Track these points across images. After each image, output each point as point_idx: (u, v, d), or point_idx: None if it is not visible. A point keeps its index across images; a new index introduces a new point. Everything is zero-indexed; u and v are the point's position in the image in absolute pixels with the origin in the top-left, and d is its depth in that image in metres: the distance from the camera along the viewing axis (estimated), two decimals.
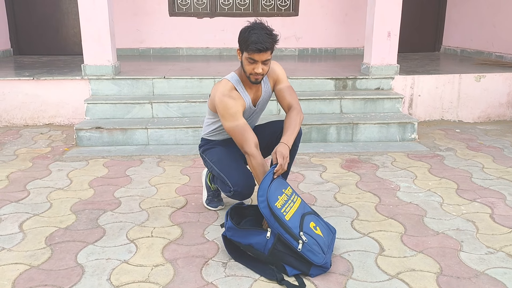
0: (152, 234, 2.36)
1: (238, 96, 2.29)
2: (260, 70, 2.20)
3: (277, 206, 2.00)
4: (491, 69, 5.06)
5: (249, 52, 2.17)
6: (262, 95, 2.44)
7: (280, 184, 2.13)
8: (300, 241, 1.94)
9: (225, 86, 2.29)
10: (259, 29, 2.16)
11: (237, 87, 2.32)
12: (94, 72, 4.39)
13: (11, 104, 4.44)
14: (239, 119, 2.23)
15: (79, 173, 3.25)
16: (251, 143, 2.21)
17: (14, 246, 2.22)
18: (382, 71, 4.64)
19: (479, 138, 4.18)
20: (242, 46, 2.20)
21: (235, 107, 2.23)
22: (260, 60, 2.18)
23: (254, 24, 2.20)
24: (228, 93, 2.25)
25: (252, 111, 2.44)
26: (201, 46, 6.70)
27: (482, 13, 6.27)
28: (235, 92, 2.30)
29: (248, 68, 2.22)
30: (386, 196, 2.87)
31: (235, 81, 2.33)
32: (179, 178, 3.16)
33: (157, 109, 4.18)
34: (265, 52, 2.16)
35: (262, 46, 2.13)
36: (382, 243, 2.26)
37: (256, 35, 2.14)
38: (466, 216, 2.57)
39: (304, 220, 2.04)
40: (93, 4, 4.25)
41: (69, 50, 6.53)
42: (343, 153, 3.74)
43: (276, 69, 2.45)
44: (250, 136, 2.22)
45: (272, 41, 2.17)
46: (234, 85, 2.32)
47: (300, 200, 2.17)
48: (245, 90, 2.35)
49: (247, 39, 2.15)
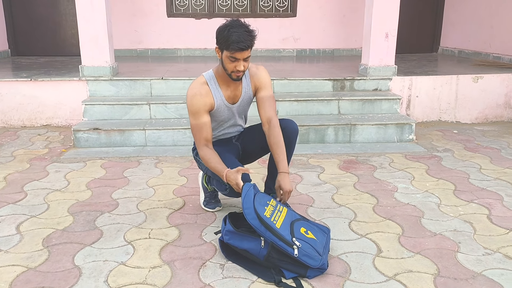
0: (149, 235, 2.35)
1: (207, 92, 2.32)
2: (242, 68, 2.23)
3: (266, 216, 2.02)
4: (488, 70, 5.07)
5: (230, 51, 2.18)
6: (242, 95, 2.44)
7: (263, 197, 2.15)
8: (294, 247, 1.94)
9: (197, 81, 2.35)
10: (238, 27, 2.18)
11: (209, 83, 2.35)
12: (92, 73, 4.39)
13: (9, 105, 4.43)
14: (199, 118, 2.30)
15: (76, 174, 3.25)
16: (202, 141, 2.32)
17: (11, 248, 2.22)
18: (380, 72, 4.65)
19: (477, 139, 4.19)
20: (222, 45, 2.21)
21: (197, 104, 2.29)
22: (242, 58, 2.20)
23: (232, 22, 2.21)
24: (198, 87, 2.31)
25: (231, 110, 2.44)
26: (199, 47, 6.70)
27: (479, 14, 6.29)
28: (205, 88, 2.33)
29: (230, 66, 2.24)
30: (384, 197, 2.87)
31: (208, 77, 2.37)
32: (177, 180, 3.16)
33: (155, 110, 4.18)
34: (246, 50, 2.19)
35: (243, 45, 2.16)
36: (380, 244, 2.26)
37: (237, 33, 2.15)
38: (464, 217, 2.57)
39: (294, 227, 2.05)
40: (91, 6, 4.25)
41: (67, 51, 6.52)
42: (341, 154, 3.74)
43: (260, 75, 2.45)
44: (203, 134, 2.32)
45: (252, 38, 2.20)
46: (207, 80, 2.35)
47: (286, 210, 2.17)
48: (218, 87, 2.37)
49: (227, 38, 2.16)
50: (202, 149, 2.33)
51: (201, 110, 2.30)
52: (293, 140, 2.49)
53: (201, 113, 2.30)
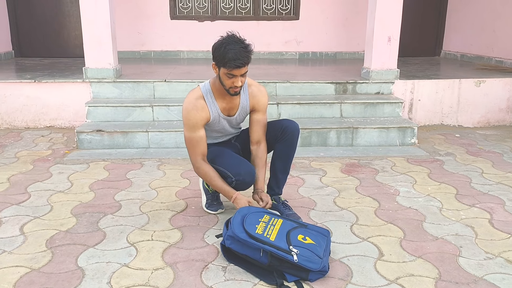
0: (152, 237, 2.37)
1: (203, 107, 2.35)
2: (239, 83, 2.26)
3: (258, 233, 2.04)
4: (491, 74, 5.07)
5: (227, 68, 2.21)
6: (239, 109, 2.48)
7: (255, 216, 2.17)
8: (293, 253, 1.96)
9: (193, 94, 2.37)
10: (234, 43, 2.19)
11: (206, 97, 2.38)
12: (95, 75, 4.41)
13: (13, 106, 4.46)
14: (195, 131, 2.33)
15: (79, 176, 3.26)
16: (198, 155, 2.36)
17: (15, 249, 2.23)
18: (382, 76, 4.66)
19: (479, 143, 4.19)
20: (219, 62, 2.23)
21: (194, 119, 2.32)
22: (239, 74, 2.23)
23: (228, 38, 2.23)
24: (194, 102, 2.33)
25: (232, 122, 2.51)
26: (202, 49, 6.72)
27: (482, 18, 6.29)
28: (201, 102, 2.36)
29: (227, 83, 2.27)
30: (386, 200, 2.88)
31: (205, 90, 2.39)
32: (179, 182, 3.17)
33: (158, 113, 4.20)
34: (244, 67, 2.22)
35: (240, 63, 2.18)
36: (382, 248, 2.27)
37: (233, 51, 2.17)
38: (465, 221, 2.58)
39: (290, 236, 2.06)
40: (95, 7, 4.27)
41: (71, 52, 6.55)
42: (343, 158, 3.75)
43: (261, 99, 2.50)
44: (199, 149, 2.36)
45: (249, 54, 2.22)
46: (203, 94, 2.37)
47: (281, 221, 2.18)
48: (214, 101, 2.40)
49: (224, 55, 2.19)
50: (200, 163, 2.38)
51: (198, 124, 2.34)
52: (295, 139, 2.53)
53: (197, 127, 2.34)
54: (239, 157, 2.49)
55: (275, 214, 2.28)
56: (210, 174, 2.37)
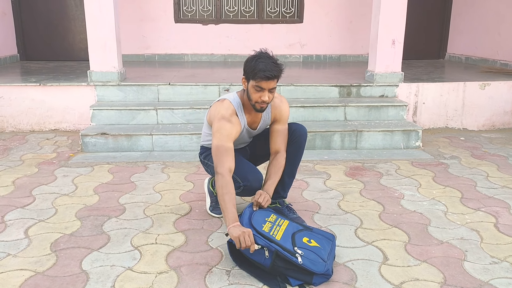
0: (156, 241, 2.37)
1: (237, 121, 2.35)
2: (266, 98, 2.26)
3: (265, 230, 2.05)
4: (496, 77, 5.05)
5: (256, 80, 2.22)
6: (261, 122, 2.50)
7: (262, 214, 2.18)
8: (297, 255, 1.95)
9: (227, 109, 2.33)
10: (265, 58, 2.24)
11: (238, 112, 2.38)
12: (100, 78, 4.43)
13: (18, 109, 4.48)
14: (227, 142, 2.26)
15: (84, 179, 3.27)
16: (226, 166, 2.20)
17: (19, 252, 2.24)
18: (387, 79, 4.65)
19: (484, 146, 4.17)
20: (249, 74, 2.26)
21: (229, 130, 2.28)
22: (267, 88, 2.24)
23: (260, 53, 2.28)
24: (228, 117, 2.31)
25: (251, 134, 2.54)
26: (206, 52, 6.73)
27: (487, 21, 6.27)
28: (235, 118, 2.35)
29: (255, 97, 2.27)
30: (390, 204, 2.87)
31: (236, 105, 2.38)
32: (183, 185, 3.17)
33: (162, 116, 4.20)
34: (272, 80, 2.23)
35: (270, 74, 2.20)
36: (386, 252, 2.26)
37: (264, 63, 2.21)
38: (471, 225, 2.56)
39: (296, 238, 2.07)
40: (100, 11, 4.29)
41: (75, 56, 6.58)
42: (347, 161, 3.74)
43: (283, 109, 2.50)
44: (229, 160, 2.23)
45: (279, 69, 2.24)
46: (235, 109, 2.37)
47: (287, 222, 2.19)
48: (243, 114, 2.41)
49: (254, 67, 2.22)
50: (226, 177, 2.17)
51: (231, 136, 2.29)
52: (302, 142, 2.54)
53: (230, 139, 2.28)
54: (248, 163, 2.49)
55: (282, 215, 2.28)
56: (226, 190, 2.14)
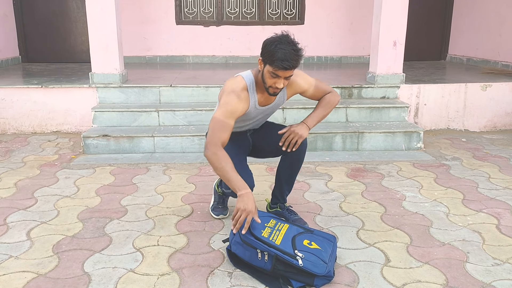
0: (158, 242, 2.37)
1: (246, 98, 2.25)
2: (281, 86, 2.17)
3: (264, 236, 2.04)
4: (497, 78, 5.05)
5: (273, 67, 2.11)
6: (275, 101, 2.40)
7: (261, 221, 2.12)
8: (298, 258, 1.95)
9: (238, 84, 2.25)
10: (286, 44, 2.09)
11: (249, 89, 2.28)
12: (102, 80, 4.43)
13: (20, 111, 4.49)
14: (229, 119, 2.18)
15: (86, 181, 3.28)
16: (221, 140, 2.14)
17: (21, 254, 2.24)
18: (388, 80, 4.65)
19: (485, 148, 4.17)
20: (266, 59, 2.14)
21: (235, 107, 2.19)
22: (283, 76, 2.14)
23: (281, 37, 2.13)
24: (238, 92, 2.22)
25: (259, 111, 2.40)
26: (207, 54, 6.74)
27: (488, 22, 6.27)
28: (245, 94, 2.25)
29: (269, 82, 2.18)
30: (392, 206, 2.87)
31: (249, 82, 2.28)
32: (185, 187, 3.18)
33: (164, 117, 4.21)
34: (290, 70, 2.13)
35: (288, 65, 2.08)
36: (388, 253, 2.26)
37: (283, 51, 2.07)
38: (472, 227, 2.56)
39: (296, 241, 2.06)
40: (102, 13, 4.30)
41: (77, 57, 6.60)
42: (349, 162, 3.74)
43: (298, 83, 2.39)
44: (224, 136, 2.16)
45: (298, 59, 2.12)
46: (247, 86, 2.27)
47: (287, 226, 2.17)
48: (255, 92, 2.31)
49: (273, 53, 2.09)
50: (216, 148, 2.12)
51: (235, 113, 2.21)
52: (301, 155, 2.49)
53: (234, 115, 2.20)
54: (245, 166, 2.42)
55: (282, 219, 2.27)
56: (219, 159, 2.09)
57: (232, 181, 2.07)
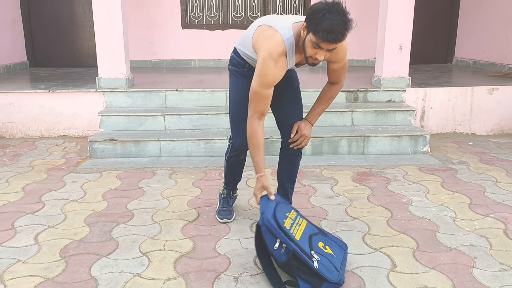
0: (164, 247, 2.38)
1: (284, 64, 2.08)
2: (322, 58, 1.97)
3: (286, 227, 2.02)
4: (504, 81, 5.02)
5: (317, 38, 1.90)
6: None
7: (283, 208, 2.14)
8: (313, 259, 1.94)
9: (277, 48, 2.04)
10: (336, 13, 1.85)
11: (288, 53, 2.08)
12: (108, 84, 4.46)
13: (27, 116, 4.53)
14: (267, 89, 2.08)
15: (93, 185, 3.30)
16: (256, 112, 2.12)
17: (29, 258, 2.26)
18: (394, 84, 4.64)
19: (492, 152, 4.14)
20: (311, 27, 1.91)
21: (272, 77, 2.06)
22: (326, 48, 1.93)
23: (332, 5, 1.87)
24: (277, 60, 2.04)
25: (294, 69, 2.30)
26: (213, 58, 6.77)
27: (494, 25, 6.25)
28: (283, 60, 2.07)
29: (310, 51, 1.97)
30: (398, 210, 2.86)
31: (289, 46, 2.07)
32: (191, 191, 3.18)
33: (170, 121, 4.23)
34: (335, 44, 1.91)
35: (333, 38, 1.87)
36: (394, 258, 2.25)
37: (331, 22, 1.84)
38: (479, 232, 2.54)
39: (313, 241, 2.05)
40: (108, 19, 4.33)
41: (84, 62, 6.65)
42: (355, 166, 3.74)
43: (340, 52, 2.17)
44: (261, 107, 2.11)
45: (345, 32, 1.88)
46: (286, 49, 2.06)
47: (305, 222, 2.17)
48: (293, 55, 2.12)
49: (318, 23, 1.86)
50: (253, 122, 2.12)
51: (274, 82, 2.09)
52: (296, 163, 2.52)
53: (272, 85, 2.09)
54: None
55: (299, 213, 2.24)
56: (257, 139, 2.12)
57: (256, 160, 2.18)
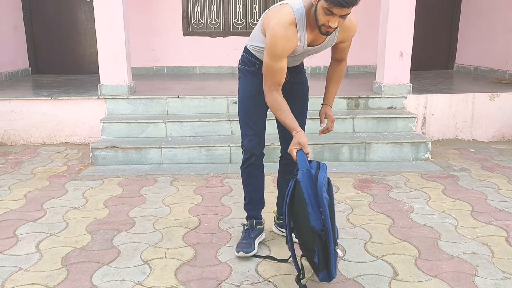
0: (165, 255, 2.38)
1: (294, 35, 2.00)
2: (335, 25, 1.89)
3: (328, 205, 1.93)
4: (505, 88, 5.03)
5: (328, 3, 1.82)
6: (323, 43, 2.15)
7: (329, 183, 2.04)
8: (337, 248, 1.92)
9: (285, 16, 1.98)
10: None
11: (298, 24, 2.00)
12: (110, 92, 4.48)
13: (29, 123, 4.54)
14: (278, 62, 2.02)
15: (94, 192, 3.30)
16: (273, 84, 2.08)
17: (31, 266, 2.26)
18: (395, 90, 4.65)
19: (494, 158, 4.14)
20: None
21: (281, 49, 1.99)
22: (339, 14, 1.86)
23: None
24: (285, 29, 1.97)
25: (305, 51, 2.16)
26: (214, 64, 6.79)
27: (495, 31, 6.26)
28: (293, 30, 1.99)
29: (322, 19, 1.89)
30: (400, 218, 2.85)
31: (299, 16, 1.99)
32: (192, 198, 3.19)
33: (171, 128, 4.24)
34: (347, 8, 1.83)
35: (346, 2, 1.80)
36: (396, 266, 2.25)
37: None
38: (481, 240, 2.54)
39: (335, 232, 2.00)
40: (110, 26, 4.36)
41: (86, 69, 6.68)
42: (356, 173, 3.74)
43: (351, 31, 2.16)
44: (277, 79, 2.08)
45: None
46: (296, 20, 1.99)
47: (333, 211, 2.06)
48: (305, 29, 2.03)
49: None
50: (272, 93, 2.10)
51: (284, 54, 2.02)
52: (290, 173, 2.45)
53: (283, 57, 2.03)
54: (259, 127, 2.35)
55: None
56: (279, 104, 2.10)
57: (286, 122, 2.10)
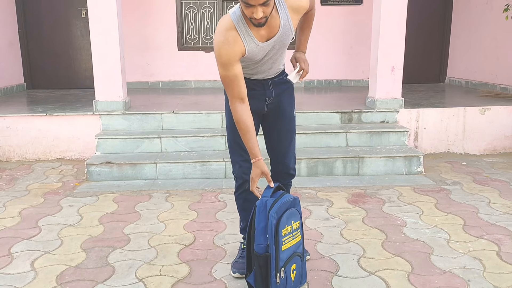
0: (160, 272, 2.39)
1: (235, 39, 1.98)
2: (260, 15, 1.87)
3: (282, 233, 2.03)
4: (495, 101, 5.11)
5: None
6: (279, 32, 2.08)
7: (293, 215, 2.11)
8: (278, 276, 1.99)
9: (223, 24, 2.00)
10: None
11: (238, 26, 1.99)
12: (105, 107, 4.51)
13: (24, 139, 4.55)
14: (229, 69, 2.00)
15: (89, 209, 3.31)
16: (233, 96, 2.05)
17: (25, 285, 2.26)
18: (387, 105, 4.71)
19: (486, 171, 4.19)
20: None
21: (226, 55, 1.98)
22: (257, 3, 1.84)
23: None
24: (224, 35, 1.97)
25: (265, 48, 2.09)
26: (208, 79, 6.84)
27: (485, 45, 6.37)
28: (233, 34, 1.98)
29: (247, 12, 1.90)
30: (393, 232, 2.88)
31: (236, 19, 2.00)
32: (187, 214, 3.20)
33: (166, 144, 4.26)
34: None
35: None
36: (389, 282, 2.27)
37: None
38: (473, 254, 2.57)
39: (292, 260, 2.07)
40: (105, 42, 4.40)
41: (81, 84, 6.70)
42: (350, 187, 3.77)
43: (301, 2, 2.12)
44: (236, 89, 2.04)
45: None
46: (234, 23, 1.99)
47: (299, 239, 2.16)
48: (248, 29, 2.00)
49: None
50: (235, 107, 2.05)
51: (231, 61, 1.99)
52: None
53: (232, 64, 1.99)
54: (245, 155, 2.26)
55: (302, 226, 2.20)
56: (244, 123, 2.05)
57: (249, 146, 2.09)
